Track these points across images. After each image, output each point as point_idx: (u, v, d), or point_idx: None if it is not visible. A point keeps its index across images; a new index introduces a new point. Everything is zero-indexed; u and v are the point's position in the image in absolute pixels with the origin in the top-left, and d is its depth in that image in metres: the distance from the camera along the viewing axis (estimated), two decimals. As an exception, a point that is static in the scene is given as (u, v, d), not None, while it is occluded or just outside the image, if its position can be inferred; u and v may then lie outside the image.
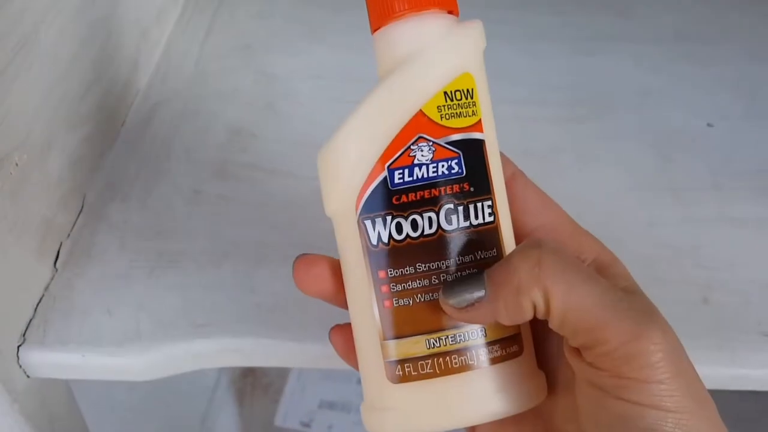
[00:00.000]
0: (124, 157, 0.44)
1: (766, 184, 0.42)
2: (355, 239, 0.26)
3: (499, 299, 0.24)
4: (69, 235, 0.39)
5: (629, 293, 0.24)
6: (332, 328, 0.28)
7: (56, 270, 0.37)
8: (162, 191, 0.41)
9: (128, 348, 0.34)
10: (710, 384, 0.34)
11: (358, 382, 0.84)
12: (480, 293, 0.24)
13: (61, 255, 0.38)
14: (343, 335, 0.28)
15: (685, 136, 0.45)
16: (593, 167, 0.43)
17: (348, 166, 0.25)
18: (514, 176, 0.28)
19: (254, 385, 0.83)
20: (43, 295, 0.36)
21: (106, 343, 0.34)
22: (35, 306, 0.36)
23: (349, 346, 0.28)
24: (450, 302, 0.24)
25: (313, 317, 0.35)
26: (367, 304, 0.26)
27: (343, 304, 0.27)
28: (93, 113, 0.42)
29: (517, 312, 0.24)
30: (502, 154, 0.27)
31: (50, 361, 0.34)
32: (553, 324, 0.24)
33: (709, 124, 0.46)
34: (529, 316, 0.24)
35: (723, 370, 0.33)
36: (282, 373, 0.83)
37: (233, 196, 0.41)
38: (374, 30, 0.26)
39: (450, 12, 0.26)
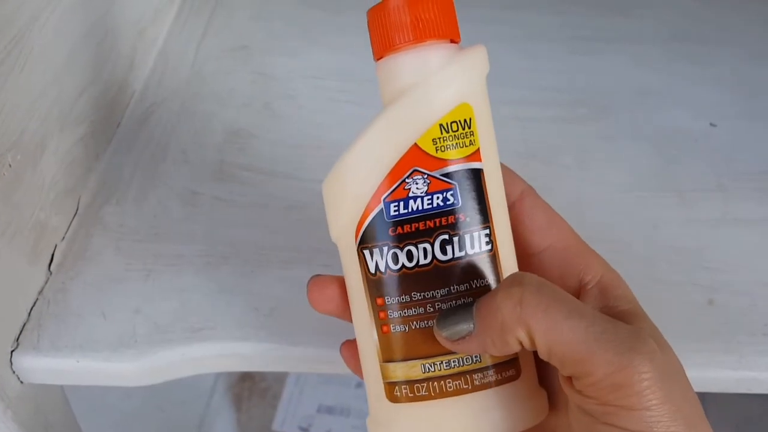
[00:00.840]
0: (120, 159, 0.43)
1: (770, 185, 0.41)
2: (355, 266, 0.27)
3: (486, 334, 0.24)
4: (63, 237, 0.38)
5: (618, 321, 0.24)
6: (343, 344, 0.29)
7: (50, 273, 0.37)
8: (158, 193, 0.41)
9: (124, 353, 0.33)
10: (716, 387, 0.33)
11: (357, 386, 0.84)
12: (469, 327, 0.25)
13: (55, 258, 0.37)
14: (352, 350, 0.29)
15: (687, 137, 0.45)
16: (594, 168, 0.43)
17: (347, 197, 0.26)
18: (522, 195, 0.28)
19: (252, 390, 0.83)
20: (37, 299, 0.36)
21: (101, 347, 0.33)
22: (29, 310, 0.35)
23: (358, 361, 0.28)
24: (442, 334, 0.25)
25: (311, 322, 0.34)
26: (367, 327, 0.27)
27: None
28: (88, 114, 0.41)
29: (504, 347, 0.24)
30: (511, 173, 0.28)
31: (44, 367, 0.33)
32: (542, 356, 0.24)
33: (712, 124, 0.45)
34: (516, 349, 0.24)
35: (730, 373, 0.33)
36: (280, 378, 0.82)
37: (230, 197, 0.41)
38: (377, 58, 0.27)
39: (451, 40, 0.26)
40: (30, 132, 0.35)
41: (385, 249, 0.26)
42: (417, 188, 0.25)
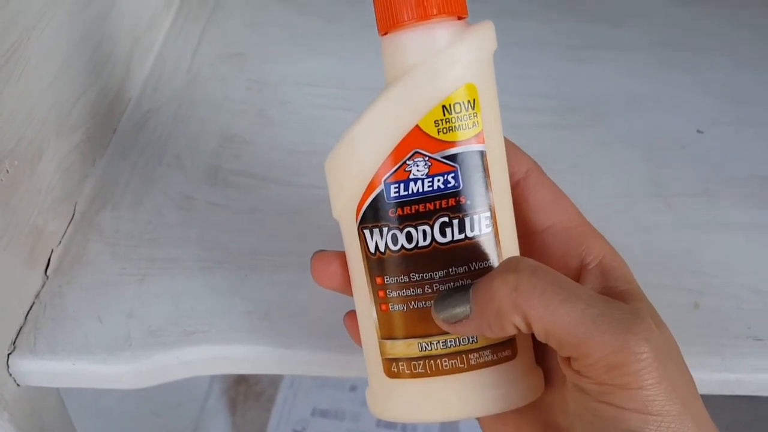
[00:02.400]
0: (116, 164, 0.43)
1: (757, 190, 0.42)
2: (356, 245, 0.27)
3: (483, 319, 0.25)
4: (60, 242, 0.39)
5: (616, 301, 0.25)
6: (346, 314, 0.30)
7: (47, 277, 0.37)
8: (154, 198, 0.41)
9: (119, 356, 0.34)
10: (701, 389, 0.34)
11: (351, 389, 0.85)
12: (465, 311, 0.25)
13: (51, 262, 0.38)
14: (354, 321, 0.29)
15: (676, 143, 0.45)
16: (585, 174, 0.43)
17: (349, 176, 0.26)
18: (528, 173, 0.28)
19: (246, 393, 0.83)
20: (33, 303, 0.36)
21: (96, 351, 0.34)
22: (26, 314, 0.35)
23: (357, 329, 0.29)
24: (439, 317, 0.26)
25: (306, 325, 0.35)
26: (367, 304, 0.27)
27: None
28: (85, 120, 0.41)
29: (500, 331, 0.25)
30: (517, 149, 0.28)
31: (40, 369, 0.34)
32: (540, 339, 0.24)
33: (699, 131, 0.46)
34: (513, 332, 0.25)
35: (714, 375, 0.33)
36: (274, 381, 0.83)
37: (225, 203, 0.41)
38: (382, 34, 0.26)
39: (458, 16, 0.26)
40: (27, 138, 0.35)
41: (385, 230, 0.26)
42: (418, 170, 0.25)
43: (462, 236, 0.26)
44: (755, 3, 0.57)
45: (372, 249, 0.26)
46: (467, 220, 0.26)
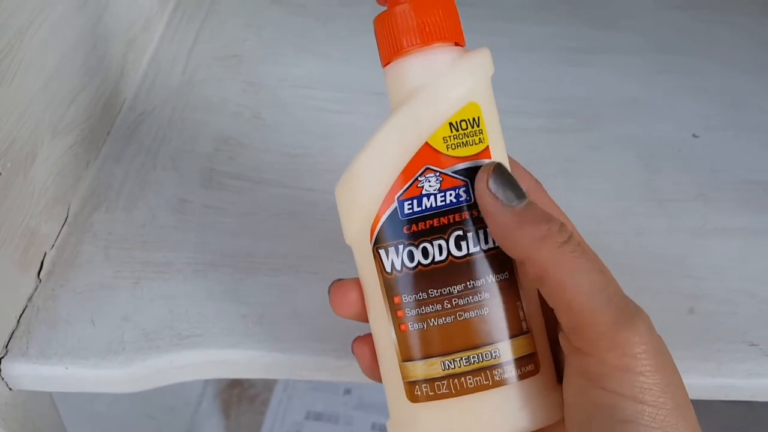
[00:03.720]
0: (110, 167, 0.43)
1: (751, 195, 0.42)
2: (371, 267, 0.27)
3: (522, 226, 0.25)
4: (53, 245, 0.38)
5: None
6: (354, 340, 0.29)
7: (40, 280, 0.37)
8: (148, 201, 0.41)
9: (112, 360, 0.34)
10: (697, 394, 0.34)
11: (345, 393, 0.84)
12: (518, 199, 0.25)
13: (45, 265, 0.37)
14: (366, 347, 0.29)
15: (671, 147, 0.45)
16: (580, 178, 0.43)
17: (361, 199, 0.27)
18: (529, 191, 0.28)
19: (240, 397, 0.83)
20: (26, 306, 0.36)
21: (90, 354, 0.34)
22: (18, 317, 0.35)
23: (372, 359, 0.28)
24: (490, 184, 0.25)
25: (300, 329, 0.35)
26: (385, 327, 0.27)
27: None
28: (78, 122, 0.41)
29: (518, 248, 0.25)
30: (520, 168, 0.29)
31: (33, 373, 0.34)
32: (546, 292, 0.25)
33: (694, 135, 0.46)
34: (523, 256, 0.25)
35: (709, 380, 0.33)
36: (268, 385, 0.82)
37: (220, 205, 0.41)
38: (384, 65, 0.27)
39: (456, 43, 0.27)
40: (21, 140, 0.35)
41: (401, 247, 0.26)
42: (430, 186, 0.26)
43: (477, 249, 0.26)
44: (750, 8, 0.57)
45: (388, 268, 0.26)
46: (481, 233, 0.26)
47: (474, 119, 0.26)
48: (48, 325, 0.35)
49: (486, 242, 0.26)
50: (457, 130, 0.26)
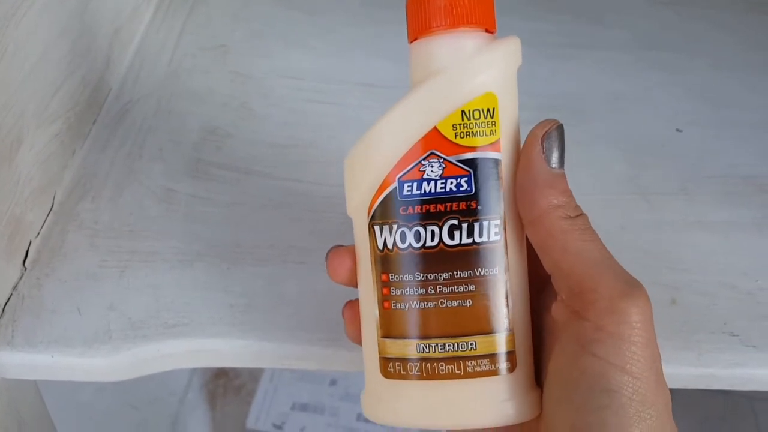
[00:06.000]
0: (96, 156, 0.43)
1: (733, 189, 0.43)
2: (366, 241, 0.27)
3: (545, 190, 0.26)
4: (38, 233, 0.38)
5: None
6: (346, 304, 0.30)
7: (25, 269, 0.37)
8: (134, 190, 0.41)
9: (98, 348, 0.34)
10: (677, 383, 0.34)
11: (331, 384, 0.85)
12: (556, 169, 0.26)
13: (30, 254, 0.37)
14: (354, 313, 0.29)
15: (655, 142, 0.46)
16: (566, 171, 0.44)
17: (366, 172, 0.27)
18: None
19: (226, 387, 0.83)
20: (11, 295, 0.36)
21: (75, 343, 0.34)
22: (3, 306, 0.35)
23: (358, 325, 0.29)
24: (546, 138, 0.26)
25: (286, 318, 0.35)
26: (371, 301, 0.27)
27: None
28: (64, 110, 0.41)
29: (539, 206, 0.26)
30: None
31: (18, 362, 0.33)
32: (554, 256, 0.26)
33: (678, 130, 0.47)
34: (531, 216, 0.26)
35: (690, 370, 0.34)
36: (255, 375, 0.83)
37: (207, 195, 0.41)
38: (411, 41, 0.27)
39: (486, 30, 0.26)
40: (6, 128, 0.35)
41: (395, 227, 0.26)
42: (432, 171, 0.26)
43: (470, 240, 0.26)
44: (735, 5, 0.58)
45: (380, 245, 0.27)
46: (476, 225, 0.26)
47: (489, 110, 0.26)
48: (34, 314, 0.35)
49: (480, 235, 0.26)
50: (469, 119, 0.26)
